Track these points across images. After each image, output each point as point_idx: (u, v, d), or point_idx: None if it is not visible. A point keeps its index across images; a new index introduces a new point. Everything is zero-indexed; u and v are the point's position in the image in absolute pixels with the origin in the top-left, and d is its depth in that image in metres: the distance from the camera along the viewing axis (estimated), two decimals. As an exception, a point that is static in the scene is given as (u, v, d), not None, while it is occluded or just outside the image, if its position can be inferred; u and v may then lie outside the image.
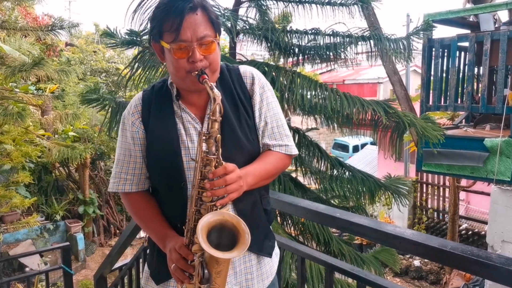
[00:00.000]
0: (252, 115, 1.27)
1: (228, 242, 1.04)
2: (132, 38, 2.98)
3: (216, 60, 1.17)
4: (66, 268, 3.57)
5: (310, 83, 3.28)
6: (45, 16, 10.71)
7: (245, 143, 1.23)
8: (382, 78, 16.17)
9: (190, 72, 1.13)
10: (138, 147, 1.25)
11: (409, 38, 3.40)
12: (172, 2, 1.10)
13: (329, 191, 3.66)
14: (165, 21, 1.11)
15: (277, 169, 1.28)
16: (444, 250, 1.18)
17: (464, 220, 8.14)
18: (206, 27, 1.12)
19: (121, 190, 1.27)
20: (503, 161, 3.91)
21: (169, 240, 1.16)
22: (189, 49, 1.11)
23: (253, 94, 1.28)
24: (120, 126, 1.29)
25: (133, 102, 1.28)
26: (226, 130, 1.19)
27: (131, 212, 1.30)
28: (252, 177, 1.16)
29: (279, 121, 1.31)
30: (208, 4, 1.14)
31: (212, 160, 1.06)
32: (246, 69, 1.31)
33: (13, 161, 5.09)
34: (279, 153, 1.28)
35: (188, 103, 1.24)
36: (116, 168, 1.28)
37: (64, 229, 7.78)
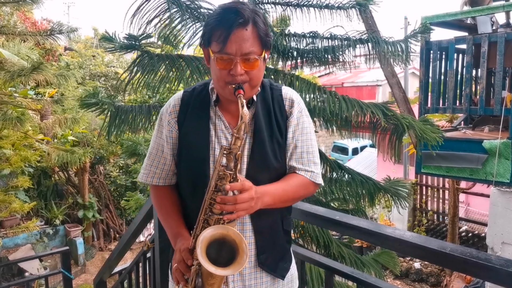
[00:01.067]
0: (285, 135, 1.28)
1: (226, 257, 1.05)
2: (131, 42, 2.99)
3: (257, 76, 1.18)
4: (65, 272, 3.56)
5: (309, 86, 3.28)
6: (44, 21, 10.74)
7: (272, 160, 1.24)
8: (381, 80, 16.19)
9: (229, 84, 1.15)
10: (169, 145, 1.29)
11: (407, 40, 3.40)
12: (225, 13, 1.13)
13: (329, 194, 3.66)
14: (215, 31, 1.14)
15: (298, 193, 1.27)
16: (444, 252, 1.18)
17: (464, 222, 8.14)
18: (253, 44, 1.14)
19: (149, 182, 1.34)
20: (502, 162, 3.91)
21: (179, 240, 1.21)
22: (232, 62, 1.13)
23: (290, 115, 1.29)
24: (157, 122, 1.34)
25: (172, 101, 1.31)
26: (257, 145, 1.22)
27: (156, 204, 1.36)
28: (269, 197, 1.16)
29: (310, 148, 1.31)
30: (259, 20, 1.15)
31: (228, 176, 1.08)
32: (288, 91, 1.33)
33: (13, 165, 5.09)
34: (303, 178, 1.27)
35: (225, 110, 1.27)
36: (148, 160, 1.34)
37: (63, 234, 7.77)
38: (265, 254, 1.26)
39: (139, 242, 7.84)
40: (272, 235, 1.29)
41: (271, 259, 1.28)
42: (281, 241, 1.33)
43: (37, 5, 4.92)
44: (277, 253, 1.31)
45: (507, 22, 4.97)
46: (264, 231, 1.26)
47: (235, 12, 1.12)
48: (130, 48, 3.01)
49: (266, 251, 1.27)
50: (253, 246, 1.25)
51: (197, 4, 3.04)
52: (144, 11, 3.01)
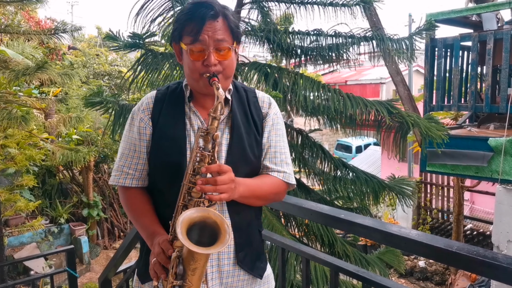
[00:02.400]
0: (261, 135, 1.30)
1: (208, 241, 1.03)
2: (134, 41, 2.99)
3: (230, 66, 1.21)
4: (70, 271, 3.57)
5: (313, 84, 3.27)
6: (48, 20, 10.77)
7: (250, 155, 1.26)
8: (385, 78, 16.14)
9: (203, 74, 1.17)
10: (143, 143, 1.27)
11: (412, 38, 3.39)
12: (195, 7, 1.16)
13: (333, 192, 3.66)
14: (186, 25, 1.16)
15: (271, 193, 1.29)
16: (450, 250, 1.17)
17: (469, 220, 8.10)
18: (225, 34, 1.17)
19: (122, 184, 1.29)
20: (507, 160, 3.89)
21: (156, 237, 1.17)
22: (205, 53, 1.16)
23: (267, 116, 1.33)
24: (128, 121, 1.32)
25: (145, 100, 1.31)
26: (235, 140, 1.23)
27: (126, 206, 1.31)
28: (245, 188, 1.17)
29: (283, 149, 1.33)
30: (229, 13, 1.19)
31: (206, 157, 1.08)
32: (264, 95, 1.37)
33: (17, 164, 5.11)
34: (276, 178, 1.29)
35: (200, 105, 1.27)
36: (120, 161, 1.30)
37: (68, 232, 7.80)
38: (243, 252, 1.26)
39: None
40: (249, 233, 1.30)
41: (249, 257, 1.28)
42: (257, 241, 1.34)
43: (41, 4, 4.92)
44: (254, 252, 1.31)
45: (513, 19, 4.93)
46: (242, 228, 1.26)
47: (205, 6, 1.15)
48: (134, 46, 3.02)
49: (244, 248, 1.27)
50: (232, 242, 1.24)
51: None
52: (148, 10, 3.01)
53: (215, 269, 1.22)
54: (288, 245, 1.82)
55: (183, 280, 1.04)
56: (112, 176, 1.32)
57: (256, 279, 1.31)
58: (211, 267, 1.21)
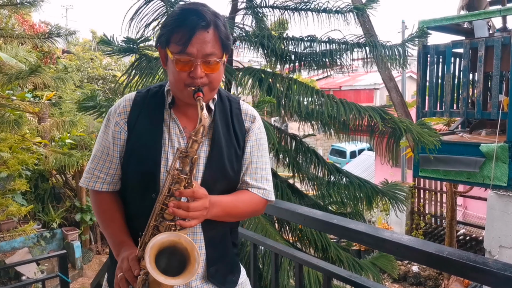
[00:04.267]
0: (242, 149, 1.27)
1: (176, 267, 1.01)
2: (129, 46, 2.99)
3: (217, 79, 1.16)
4: (63, 276, 3.54)
5: (307, 89, 3.29)
6: (42, 24, 10.73)
7: (229, 170, 1.22)
8: (379, 84, 16.24)
9: (188, 86, 1.12)
10: (117, 147, 1.21)
11: (404, 44, 3.42)
12: (186, 14, 1.10)
13: (327, 197, 3.66)
14: (175, 32, 1.10)
15: (248, 211, 1.27)
16: (441, 256, 1.18)
17: (462, 225, 8.15)
18: (214, 46, 1.11)
19: (92, 187, 1.24)
20: (499, 166, 3.92)
21: (124, 249, 1.13)
22: (192, 64, 1.10)
23: (250, 131, 1.28)
24: (104, 122, 1.25)
25: (122, 102, 1.23)
26: (214, 153, 1.20)
27: (96, 210, 1.27)
28: (219, 209, 1.14)
29: (264, 165, 1.31)
30: (220, 23, 1.13)
31: (182, 180, 1.05)
32: (248, 107, 1.32)
33: (10, 168, 5.07)
34: (255, 195, 1.27)
35: (181, 113, 1.23)
36: (91, 164, 1.25)
37: (61, 237, 7.73)
38: (214, 266, 1.24)
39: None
40: (222, 247, 1.27)
41: (220, 272, 1.25)
42: (230, 254, 1.31)
43: (35, 8, 4.92)
44: (226, 265, 1.28)
45: (504, 27, 5.00)
46: (216, 241, 1.24)
47: (197, 14, 1.09)
48: (128, 51, 3.02)
49: (216, 263, 1.24)
50: (203, 257, 1.22)
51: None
52: (143, 15, 3.02)
53: (182, 286, 1.19)
54: (281, 250, 1.83)
55: None
56: (83, 178, 1.26)
57: None
58: None
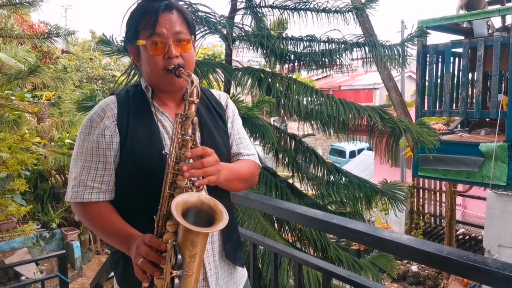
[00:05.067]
0: (227, 126, 1.35)
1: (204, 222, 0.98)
2: (128, 46, 2.98)
3: (191, 60, 1.19)
4: (62, 276, 3.54)
5: (306, 89, 3.29)
6: (41, 24, 10.73)
7: (223, 149, 1.27)
8: (378, 84, 16.24)
9: (166, 68, 1.14)
10: (110, 152, 1.16)
11: (404, 44, 3.42)
12: (147, 2, 1.15)
13: (326, 197, 3.66)
14: (141, 20, 1.14)
15: (250, 174, 1.31)
16: (440, 255, 1.18)
17: (461, 225, 8.15)
18: (182, 25, 1.16)
19: (87, 199, 1.15)
20: (498, 166, 3.93)
21: (134, 239, 1.06)
22: (165, 46, 1.13)
23: (227, 108, 1.37)
24: (85, 131, 1.17)
25: (105, 106, 1.19)
26: (206, 137, 1.24)
27: (91, 221, 1.18)
28: (228, 170, 1.15)
29: (245, 135, 1.40)
30: (182, 7, 1.19)
31: (188, 141, 1.04)
32: (218, 91, 1.42)
33: (9, 169, 5.06)
34: (250, 161, 1.33)
35: (165, 105, 1.24)
36: (81, 176, 1.15)
37: (60, 237, 7.72)
38: (228, 243, 1.27)
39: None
40: (230, 224, 1.26)
41: (232, 248, 1.29)
42: (236, 231, 1.37)
43: (34, 8, 4.91)
44: (235, 242, 1.33)
45: (503, 26, 5.01)
46: None
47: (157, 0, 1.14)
48: (127, 51, 3.01)
49: (229, 241, 1.28)
50: (219, 236, 1.24)
51: (194, 7, 3.05)
52: (142, 15, 3.01)
53: (213, 265, 1.21)
54: (281, 250, 1.83)
55: (182, 269, 0.95)
56: (71, 192, 1.16)
57: (236, 269, 1.32)
58: (209, 263, 1.20)
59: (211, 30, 3.04)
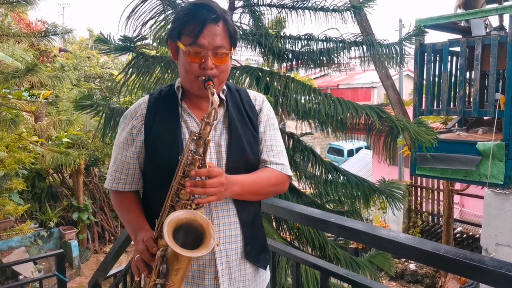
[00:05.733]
0: (257, 130, 1.34)
1: (193, 243, 1.06)
2: (125, 44, 2.98)
3: (225, 71, 1.23)
4: (60, 275, 3.54)
5: (304, 88, 3.29)
6: (39, 22, 10.69)
7: (249, 153, 1.28)
8: (376, 82, 16.26)
9: (198, 77, 1.18)
10: (133, 148, 1.28)
11: (401, 43, 3.43)
12: (197, 8, 1.17)
13: (324, 195, 3.67)
14: (187, 25, 1.17)
15: (269, 186, 1.31)
16: (438, 254, 1.18)
17: (459, 223, 8.17)
18: (224, 39, 1.19)
19: (115, 188, 1.32)
20: (495, 164, 3.94)
21: (140, 232, 1.20)
22: (203, 56, 1.17)
23: (261, 112, 1.36)
24: (121, 126, 1.32)
25: (138, 106, 1.30)
26: (233, 139, 1.25)
27: (116, 206, 1.35)
28: (237, 186, 1.19)
29: (279, 143, 1.37)
30: (229, 18, 1.21)
31: (196, 160, 1.09)
32: (256, 93, 1.41)
33: (6, 167, 5.05)
34: (274, 170, 1.31)
35: (194, 106, 1.29)
36: (113, 166, 1.33)
37: (58, 236, 7.71)
38: (250, 245, 1.29)
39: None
40: (255, 226, 1.33)
41: (255, 250, 1.31)
42: (261, 233, 1.38)
43: (31, 6, 4.89)
44: (259, 244, 1.34)
45: (501, 25, 5.01)
46: (249, 222, 1.29)
47: (207, 8, 1.16)
48: (125, 50, 3.01)
49: (251, 242, 1.30)
50: (240, 237, 1.27)
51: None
52: (139, 13, 3.01)
53: (225, 266, 1.24)
54: (279, 249, 1.83)
55: (165, 279, 1.06)
56: (107, 180, 1.35)
57: (260, 270, 1.35)
58: (221, 264, 1.23)
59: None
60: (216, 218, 1.23)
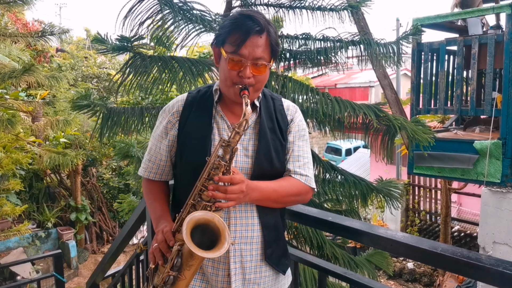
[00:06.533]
0: (286, 139, 1.37)
1: (208, 243, 1.11)
2: (123, 44, 2.97)
3: (262, 81, 1.27)
4: (58, 276, 3.53)
5: (302, 87, 3.30)
6: (36, 22, 10.66)
7: (275, 161, 1.31)
8: (374, 82, 16.28)
9: (236, 84, 1.23)
10: (166, 141, 1.35)
11: (399, 42, 3.43)
12: (243, 19, 1.22)
13: (322, 194, 3.67)
14: (232, 33, 1.22)
15: (290, 195, 1.31)
16: (435, 252, 1.19)
17: (457, 222, 8.20)
18: (265, 51, 1.23)
19: (146, 176, 1.41)
20: (492, 163, 3.95)
21: (162, 222, 1.27)
22: (243, 65, 1.21)
23: (292, 123, 1.39)
24: (159, 119, 1.40)
25: (176, 103, 1.37)
26: (262, 145, 1.29)
27: (145, 193, 1.44)
28: (258, 193, 1.23)
29: (306, 154, 1.39)
30: (272, 30, 1.25)
31: (222, 166, 1.15)
32: (290, 103, 1.44)
33: (4, 168, 5.04)
34: (297, 181, 1.32)
35: (228, 110, 1.34)
36: (147, 155, 1.42)
37: (56, 237, 7.70)
38: (270, 248, 1.32)
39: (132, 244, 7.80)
40: (276, 231, 1.36)
41: (276, 254, 1.34)
42: (283, 239, 1.40)
43: (28, 6, 4.88)
44: (280, 248, 1.37)
45: (497, 24, 5.02)
46: (270, 227, 1.33)
47: (253, 19, 1.21)
48: (122, 49, 3.00)
49: (272, 246, 1.33)
50: (260, 239, 1.31)
51: (189, 5, 3.04)
52: (137, 13, 3.00)
53: (238, 265, 1.27)
54: (277, 248, 1.83)
55: (178, 272, 1.13)
56: (140, 168, 1.44)
57: (279, 274, 1.38)
58: (234, 263, 1.26)
59: (206, 29, 3.04)
60: (234, 218, 1.27)
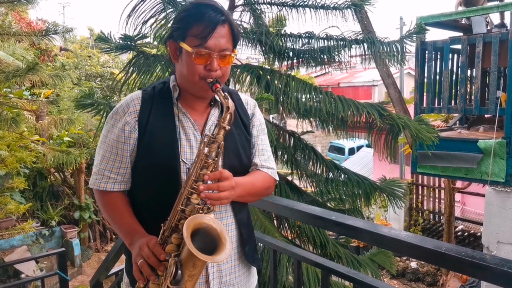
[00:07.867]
0: (250, 134, 1.35)
1: (207, 248, 1.03)
2: (126, 43, 2.98)
3: (227, 73, 1.23)
4: (62, 274, 3.54)
5: (305, 86, 3.29)
6: (39, 21, 10.70)
7: (243, 156, 1.30)
8: (377, 81, 16.23)
9: (203, 78, 1.16)
10: (127, 146, 1.22)
11: (402, 41, 3.41)
12: (204, 9, 1.14)
13: (325, 194, 3.67)
14: (194, 26, 1.14)
15: (263, 188, 1.33)
16: (439, 251, 1.18)
17: (460, 221, 8.17)
18: (229, 41, 1.18)
19: (103, 188, 1.24)
20: (497, 162, 3.93)
21: (138, 236, 1.15)
22: (209, 58, 1.15)
23: (253, 116, 1.37)
24: (110, 122, 1.25)
25: (130, 101, 1.24)
26: (229, 142, 1.23)
27: (104, 207, 1.27)
28: (241, 189, 1.20)
29: (268, 147, 1.40)
30: (233, 19, 1.22)
31: (210, 165, 1.09)
32: (247, 97, 1.41)
33: (8, 166, 5.06)
34: (266, 174, 1.33)
35: (190, 107, 1.26)
36: (101, 165, 1.24)
37: (59, 235, 7.73)
38: (248, 245, 1.31)
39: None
40: (249, 227, 1.36)
41: (251, 251, 1.33)
42: (253, 233, 1.40)
43: (32, 5, 4.89)
44: (253, 244, 1.37)
45: (502, 22, 5.00)
46: (244, 223, 1.31)
47: (214, 9, 1.15)
48: (125, 48, 3.01)
49: (249, 243, 1.32)
50: (236, 238, 1.28)
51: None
52: (140, 12, 3.00)
53: (216, 269, 1.24)
54: (280, 247, 1.83)
55: (179, 286, 1.02)
56: (92, 179, 1.26)
57: (250, 273, 1.36)
58: (212, 267, 1.23)
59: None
60: None
